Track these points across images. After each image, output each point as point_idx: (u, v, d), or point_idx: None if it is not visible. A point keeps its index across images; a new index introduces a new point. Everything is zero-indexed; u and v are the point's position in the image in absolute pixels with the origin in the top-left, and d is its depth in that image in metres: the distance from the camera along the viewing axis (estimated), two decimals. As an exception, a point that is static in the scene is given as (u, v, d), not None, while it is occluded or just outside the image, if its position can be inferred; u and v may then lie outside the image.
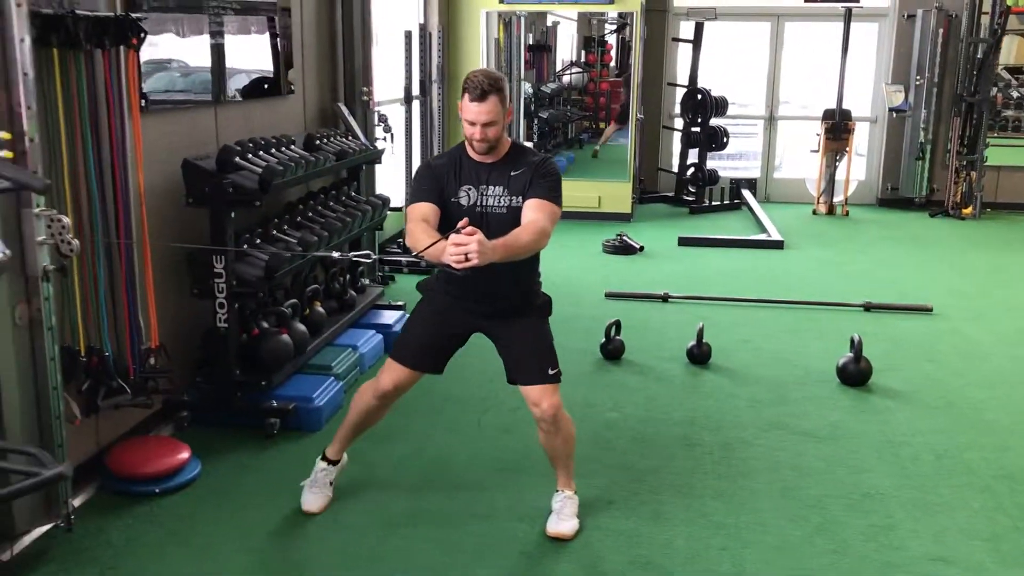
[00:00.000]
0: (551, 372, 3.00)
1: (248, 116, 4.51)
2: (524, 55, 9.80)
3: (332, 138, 4.89)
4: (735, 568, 2.93)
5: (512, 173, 2.91)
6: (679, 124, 9.73)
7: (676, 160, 9.85)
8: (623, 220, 8.54)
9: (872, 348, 4.64)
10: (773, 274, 6.85)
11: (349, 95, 5.60)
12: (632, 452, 3.75)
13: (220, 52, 4.18)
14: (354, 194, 5.10)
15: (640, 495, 3.37)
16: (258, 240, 3.98)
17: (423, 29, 7.43)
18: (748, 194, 9.59)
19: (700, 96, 9.29)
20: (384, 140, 6.12)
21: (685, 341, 4.90)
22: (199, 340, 3.94)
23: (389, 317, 5.21)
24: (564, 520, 3.12)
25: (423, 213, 2.84)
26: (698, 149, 9.43)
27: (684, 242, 7.74)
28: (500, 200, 2.91)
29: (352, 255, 3.20)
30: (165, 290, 3.66)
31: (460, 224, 2.54)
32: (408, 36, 6.78)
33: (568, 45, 12.92)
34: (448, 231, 2.57)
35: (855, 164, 9.53)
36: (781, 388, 4.49)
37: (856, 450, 3.81)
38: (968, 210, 9.05)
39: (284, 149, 4.26)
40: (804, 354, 4.99)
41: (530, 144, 9.40)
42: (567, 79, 12.49)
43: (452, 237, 2.51)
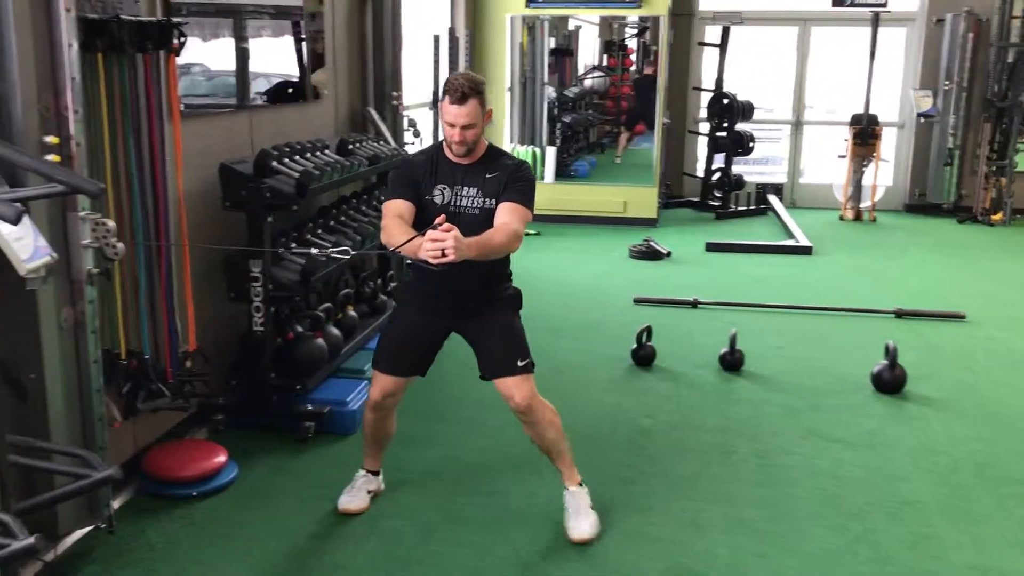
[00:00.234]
0: (520, 363, 3.00)
1: (281, 121, 4.53)
2: (547, 59, 9.80)
3: (364, 142, 4.90)
4: (776, 577, 2.91)
5: (487, 175, 2.96)
6: (704, 128, 9.71)
7: (701, 165, 9.82)
8: (649, 225, 8.51)
9: (906, 355, 4.59)
10: (802, 280, 6.80)
11: (379, 99, 5.61)
12: (668, 459, 3.73)
13: (249, 57, 4.19)
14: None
15: (678, 502, 3.35)
16: (293, 244, 3.99)
17: (452, 33, 7.45)
18: (775, 199, 9.55)
19: (726, 100, 9.25)
20: (413, 144, 6.12)
21: (716, 347, 4.88)
22: (235, 343, 3.95)
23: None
24: (582, 519, 3.09)
25: (398, 210, 2.91)
26: (724, 154, 9.39)
27: (711, 247, 7.70)
28: (473, 201, 2.96)
29: (332, 251, 3.22)
30: (201, 294, 3.67)
31: (437, 220, 2.60)
32: (436, 40, 6.80)
33: (590, 49, 12.90)
34: (422, 228, 2.64)
35: (882, 169, 9.46)
36: (816, 395, 4.45)
37: (894, 458, 3.77)
38: (998, 216, 8.96)
39: (319, 154, 4.27)
40: (837, 361, 4.95)
41: (554, 149, 9.38)
42: (589, 83, 12.47)
43: (429, 233, 2.58)
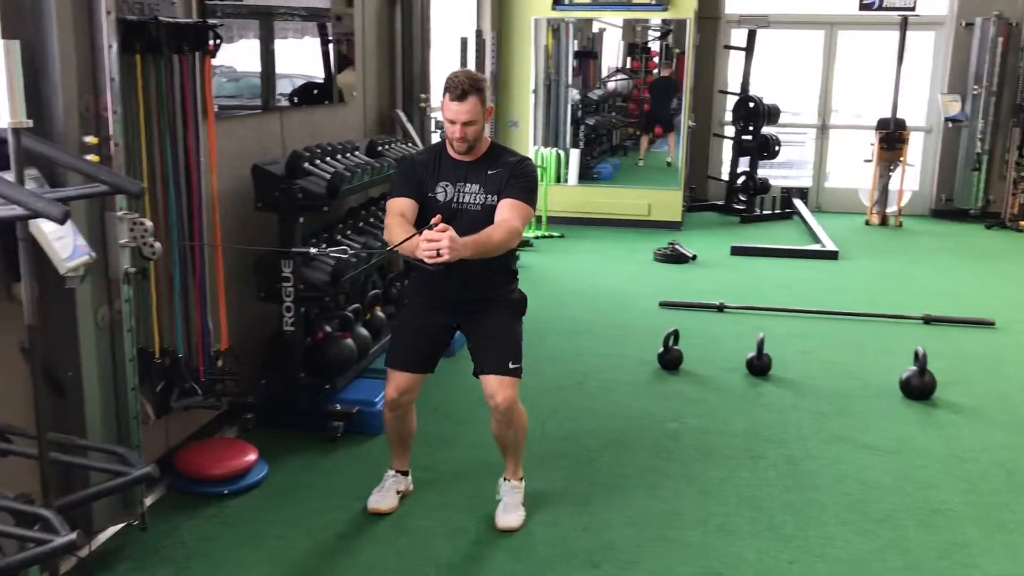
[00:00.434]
0: (511, 366, 3.03)
1: (311, 122, 4.56)
2: (571, 62, 9.81)
3: (393, 144, 4.93)
4: (807, 582, 2.91)
5: (489, 172, 2.99)
6: (730, 132, 9.67)
7: (726, 168, 9.79)
8: (673, 228, 8.50)
9: (935, 362, 4.55)
10: (829, 285, 6.76)
11: (407, 101, 5.64)
12: (696, 463, 3.72)
13: (276, 59, 4.21)
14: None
15: (707, 507, 3.35)
16: (323, 245, 4.01)
17: (478, 35, 7.47)
18: (800, 203, 9.50)
19: (752, 104, 9.22)
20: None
21: (743, 351, 4.86)
22: (264, 343, 3.98)
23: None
24: (510, 512, 3.20)
25: (401, 208, 2.95)
26: (749, 157, 9.36)
27: (737, 251, 7.67)
28: (476, 198, 2.99)
29: (330, 251, 3.39)
30: (232, 293, 3.70)
31: (433, 221, 2.64)
32: (464, 42, 6.82)
33: (614, 52, 12.89)
34: (425, 226, 2.67)
35: (908, 174, 9.39)
36: (843, 400, 4.43)
37: (923, 465, 3.75)
38: (1027, 222, 8.90)
39: (349, 155, 4.29)
40: (865, 366, 4.92)
41: (577, 151, 9.38)
42: (612, 86, 12.45)
43: (425, 233, 2.61)
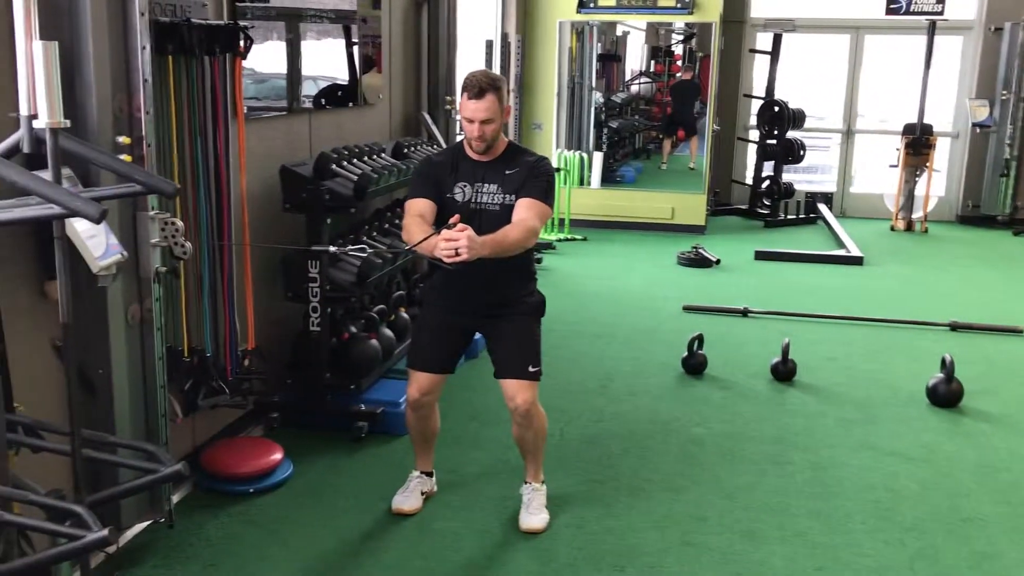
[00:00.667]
0: (531, 369, 3.04)
1: (338, 124, 4.58)
2: (595, 65, 9.80)
3: (418, 146, 4.94)
4: (834, 590, 2.89)
5: (507, 171, 3.00)
6: (754, 136, 9.63)
7: (750, 172, 9.74)
8: (696, 232, 8.46)
9: (962, 369, 4.50)
10: (854, 291, 6.71)
11: (432, 104, 5.65)
12: (721, 468, 3.70)
13: (302, 60, 4.23)
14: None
15: (733, 512, 3.33)
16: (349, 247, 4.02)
17: (504, 38, 7.48)
18: (824, 208, 9.44)
19: (777, 108, 9.17)
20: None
21: (767, 357, 4.83)
22: (290, 343, 4.00)
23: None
24: (534, 514, 3.19)
25: (419, 209, 2.97)
26: (774, 162, 9.31)
27: (761, 256, 7.63)
28: (494, 197, 2.99)
29: (349, 249, 3.44)
30: (259, 293, 3.72)
31: (451, 220, 2.65)
32: (489, 45, 6.83)
33: (637, 55, 12.87)
34: (443, 226, 2.69)
35: (934, 180, 9.31)
36: (870, 407, 4.39)
37: (952, 473, 3.71)
38: (1055, 229, 8.80)
39: (375, 157, 4.31)
40: (891, 373, 4.88)
41: (600, 154, 9.38)
42: (635, 89, 12.43)
43: (443, 232, 2.63)
